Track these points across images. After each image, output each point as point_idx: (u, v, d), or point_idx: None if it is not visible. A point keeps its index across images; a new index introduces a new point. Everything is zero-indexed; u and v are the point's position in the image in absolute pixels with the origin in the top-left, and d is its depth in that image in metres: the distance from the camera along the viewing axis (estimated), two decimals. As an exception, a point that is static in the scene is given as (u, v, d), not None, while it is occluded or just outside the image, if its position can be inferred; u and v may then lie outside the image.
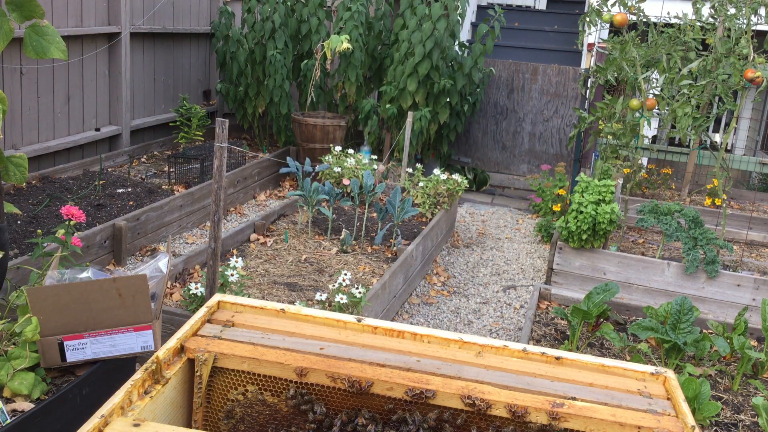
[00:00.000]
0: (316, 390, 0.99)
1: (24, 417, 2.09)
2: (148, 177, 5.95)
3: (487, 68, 7.06)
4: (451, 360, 1.05)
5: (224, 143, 2.88)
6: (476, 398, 0.95)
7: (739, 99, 4.90)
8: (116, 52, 6.28)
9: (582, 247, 4.54)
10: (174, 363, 0.96)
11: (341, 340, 1.08)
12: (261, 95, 6.93)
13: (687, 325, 3.36)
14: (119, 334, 2.41)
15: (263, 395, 1.00)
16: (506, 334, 4.18)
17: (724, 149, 5.02)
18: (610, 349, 3.75)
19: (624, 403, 0.99)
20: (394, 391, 0.97)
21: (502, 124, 7.44)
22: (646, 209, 4.66)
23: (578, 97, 7.11)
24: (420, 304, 4.49)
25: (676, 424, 0.95)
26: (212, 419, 1.02)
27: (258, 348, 1.00)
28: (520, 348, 1.09)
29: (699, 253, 4.40)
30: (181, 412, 1.00)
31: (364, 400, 0.99)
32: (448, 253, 5.49)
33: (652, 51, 4.96)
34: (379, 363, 1.01)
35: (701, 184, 7.07)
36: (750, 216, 5.76)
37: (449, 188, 5.39)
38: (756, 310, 4.29)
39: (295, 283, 4.01)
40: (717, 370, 3.51)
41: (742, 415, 3.13)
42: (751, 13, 4.93)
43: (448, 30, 6.33)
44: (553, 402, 0.96)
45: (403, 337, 1.11)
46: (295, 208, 5.36)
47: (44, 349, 2.37)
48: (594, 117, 5.32)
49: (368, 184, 4.77)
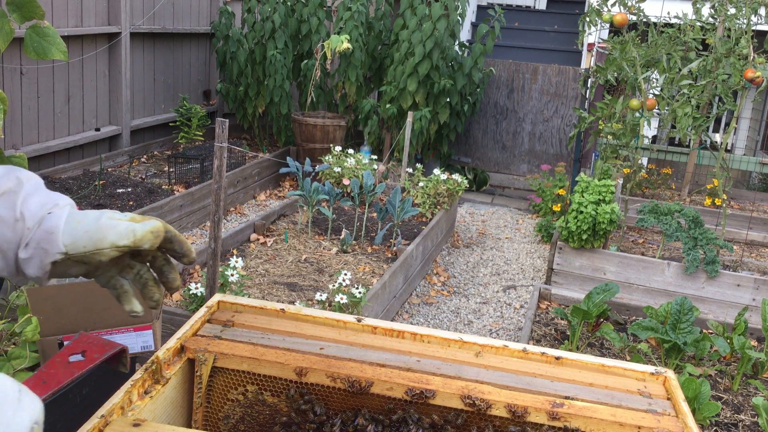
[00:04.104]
0: (316, 390, 0.99)
1: (24, 417, 2.09)
2: (148, 177, 5.95)
3: (487, 68, 7.06)
4: (451, 360, 1.05)
5: (224, 143, 2.88)
6: (476, 398, 0.95)
7: (739, 99, 4.90)
8: (116, 52, 6.28)
9: (582, 247, 4.54)
10: (174, 363, 0.96)
11: (341, 340, 1.07)
12: (261, 95, 6.93)
13: (687, 325, 3.36)
14: (119, 334, 2.41)
15: (263, 395, 1.00)
16: (506, 334, 4.18)
17: (724, 149, 5.02)
18: (610, 349, 3.75)
19: (624, 403, 0.99)
20: (394, 391, 0.97)
21: (502, 124, 7.44)
22: (646, 209, 4.66)
23: (578, 97, 7.11)
24: (420, 304, 4.49)
25: (676, 424, 0.95)
26: (212, 419, 1.02)
27: (258, 348, 1.00)
28: (520, 348, 1.09)
29: (699, 253, 4.40)
30: (181, 412, 1.00)
31: (364, 400, 0.99)
32: (448, 253, 5.49)
33: (652, 51, 4.96)
34: (379, 363, 1.01)
35: (701, 184, 7.07)
36: (750, 216, 5.76)
37: (449, 188, 5.39)
38: (756, 310, 4.29)
39: (295, 283, 4.01)
40: (717, 370, 3.51)
41: (742, 415, 3.13)
42: (751, 13, 4.93)
43: (448, 30, 6.33)
44: (553, 402, 0.96)
45: (403, 337, 1.11)
46: (295, 208, 5.36)
47: (44, 349, 2.37)
48: (594, 117, 5.32)
49: (368, 184, 4.77)
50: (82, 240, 0.97)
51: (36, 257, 0.97)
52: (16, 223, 0.97)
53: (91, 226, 0.99)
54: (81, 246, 0.97)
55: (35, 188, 1.01)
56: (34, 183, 1.02)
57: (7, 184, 0.98)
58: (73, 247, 0.97)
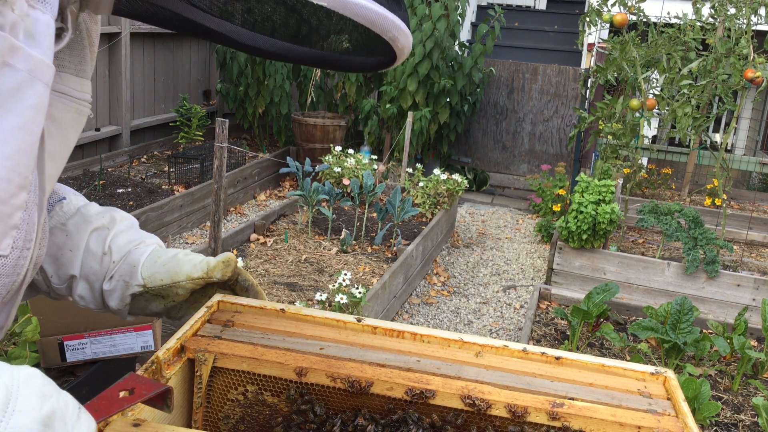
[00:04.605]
0: (316, 390, 0.99)
1: (24, 417, 2.08)
2: (148, 177, 5.95)
3: (487, 68, 7.06)
4: (451, 360, 1.05)
5: (224, 143, 2.88)
6: (476, 398, 0.95)
7: (739, 99, 4.90)
8: (116, 52, 6.28)
9: (582, 247, 4.54)
10: (174, 363, 0.96)
11: (341, 340, 1.07)
12: (261, 95, 6.93)
13: (687, 325, 3.36)
14: (119, 334, 2.41)
15: (263, 395, 1.00)
16: (506, 334, 4.18)
17: (724, 149, 5.02)
18: (610, 349, 3.74)
19: (624, 403, 0.99)
20: (394, 391, 0.97)
21: (502, 124, 7.44)
22: (646, 209, 4.66)
23: (578, 97, 7.11)
24: (420, 304, 4.49)
25: (676, 424, 0.95)
26: (212, 419, 1.03)
27: (258, 348, 1.00)
28: (520, 348, 1.09)
29: (699, 253, 4.40)
30: (181, 412, 1.00)
31: (364, 400, 0.99)
32: (448, 253, 5.49)
33: (652, 51, 4.96)
34: (379, 363, 1.01)
35: (701, 184, 7.07)
36: (750, 216, 5.76)
37: (449, 188, 5.39)
38: (756, 310, 4.29)
39: (295, 283, 4.01)
40: (717, 370, 3.51)
41: (742, 415, 3.13)
42: (751, 13, 4.93)
43: (448, 30, 6.33)
44: (553, 402, 0.96)
45: (403, 337, 1.11)
46: (295, 208, 5.36)
47: (44, 349, 2.37)
48: (594, 117, 5.32)
49: (368, 184, 4.77)
50: (160, 273, 1.03)
51: (118, 289, 1.03)
52: (104, 256, 1.03)
53: (169, 260, 1.04)
54: (158, 279, 1.03)
55: (128, 227, 1.08)
56: (127, 223, 1.09)
57: (101, 221, 1.05)
58: (150, 280, 1.02)
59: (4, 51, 0.61)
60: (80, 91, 0.85)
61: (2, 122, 0.63)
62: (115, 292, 1.04)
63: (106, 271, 1.03)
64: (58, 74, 0.77)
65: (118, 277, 1.03)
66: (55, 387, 0.63)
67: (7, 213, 0.67)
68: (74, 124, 0.85)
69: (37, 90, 0.66)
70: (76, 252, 1.03)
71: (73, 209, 1.06)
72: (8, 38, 0.61)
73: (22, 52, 0.63)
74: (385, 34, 0.74)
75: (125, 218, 1.09)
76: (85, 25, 0.85)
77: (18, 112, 0.64)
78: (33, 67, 0.65)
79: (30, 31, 0.64)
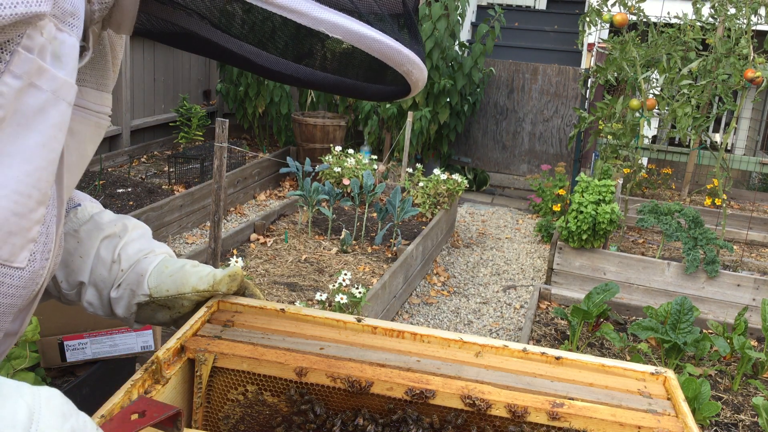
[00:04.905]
0: (316, 390, 0.99)
1: (24, 417, 2.08)
2: (148, 177, 5.95)
3: (487, 68, 7.06)
4: (451, 360, 1.05)
5: (224, 143, 2.89)
6: (476, 398, 0.95)
7: (739, 99, 4.90)
8: (116, 52, 6.28)
9: (582, 247, 4.54)
10: (174, 363, 0.96)
11: (341, 340, 1.07)
12: (261, 95, 6.93)
13: (687, 325, 3.36)
14: (119, 334, 2.41)
15: (263, 395, 1.00)
16: (506, 334, 4.18)
17: (724, 149, 5.02)
18: (610, 349, 3.75)
19: (624, 403, 0.99)
20: (394, 391, 0.97)
21: (502, 124, 7.44)
22: (646, 209, 4.66)
23: (578, 97, 7.11)
24: (420, 304, 4.49)
25: (676, 424, 0.95)
26: (212, 419, 1.02)
27: (258, 348, 1.00)
28: (520, 348, 1.09)
29: (699, 253, 4.40)
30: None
31: (364, 400, 0.99)
32: (448, 253, 5.49)
33: (652, 51, 4.96)
34: (379, 363, 1.01)
35: (701, 184, 7.07)
36: (750, 216, 5.76)
37: (449, 188, 5.39)
38: (756, 310, 4.29)
39: (295, 283, 4.01)
40: (717, 370, 3.51)
41: (742, 415, 3.13)
42: (751, 13, 4.93)
43: (448, 30, 6.33)
44: (553, 402, 0.96)
45: (403, 337, 1.11)
46: (295, 208, 5.36)
47: (44, 349, 2.37)
48: (594, 117, 5.32)
49: (368, 184, 4.77)
50: (166, 283, 1.04)
51: (124, 298, 1.04)
52: (113, 264, 1.04)
53: (176, 271, 1.05)
54: (164, 289, 1.04)
55: (139, 236, 1.08)
56: (139, 232, 1.09)
57: (113, 229, 1.06)
58: (156, 291, 1.03)
59: (32, 73, 0.63)
60: (100, 104, 0.85)
61: (25, 140, 0.64)
62: (122, 300, 1.04)
63: (115, 279, 1.04)
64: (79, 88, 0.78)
65: (125, 285, 1.04)
66: (74, 407, 0.64)
67: (25, 227, 0.68)
68: (93, 137, 0.86)
69: (61, 109, 0.67)
70: (86, 259, 1.04)
71: (87, 216, 1.07)
72: (36, 61, 0.63)
73: (49, 73, 0.65)
74: (400, 68, 0.75)
75: (137, 227, 1.10)
76: (109, 39, 0.86)
77: (41, 131, 0.65)
78: (57, 88, 0.66)
79: (57, 53, 0.66)
